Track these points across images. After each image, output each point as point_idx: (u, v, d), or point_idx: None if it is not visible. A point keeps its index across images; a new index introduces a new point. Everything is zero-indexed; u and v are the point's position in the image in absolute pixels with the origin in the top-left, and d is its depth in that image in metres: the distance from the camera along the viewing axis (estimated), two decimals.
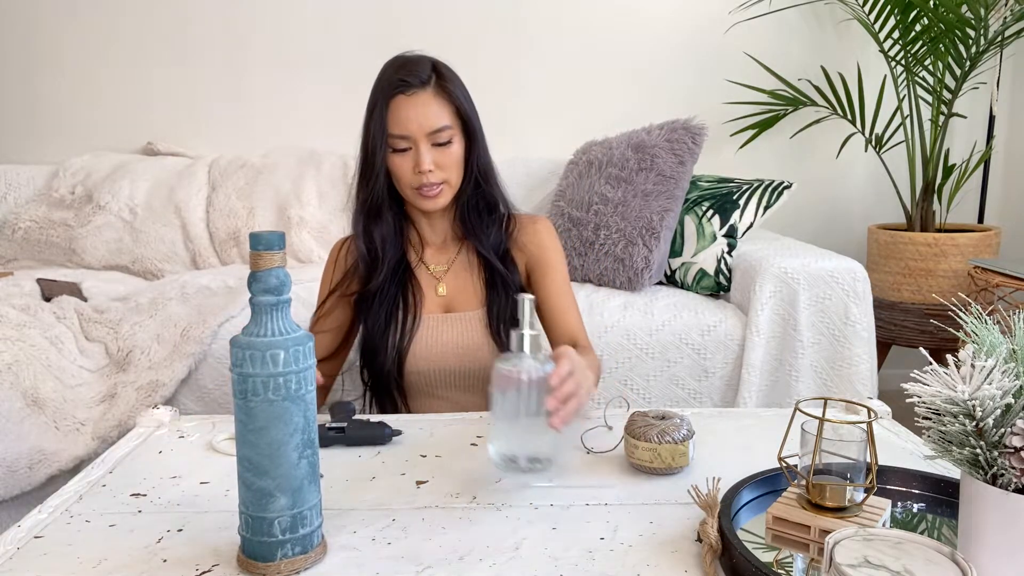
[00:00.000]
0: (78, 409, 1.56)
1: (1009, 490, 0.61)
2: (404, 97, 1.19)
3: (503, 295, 1.30)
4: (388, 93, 1.20)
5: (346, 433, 1.03)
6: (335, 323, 1.32)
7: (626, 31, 2.61)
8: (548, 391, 0.84)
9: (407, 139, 1.20)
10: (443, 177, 1.22)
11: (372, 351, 1.27)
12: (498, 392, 0.85)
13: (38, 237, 2.27)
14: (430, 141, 1.20)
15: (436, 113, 1.20)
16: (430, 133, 1.19)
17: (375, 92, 1.22)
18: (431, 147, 1.20)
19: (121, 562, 0.73)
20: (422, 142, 1.19)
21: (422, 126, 1.19)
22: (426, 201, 1.23)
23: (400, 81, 1.19)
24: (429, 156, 1.19)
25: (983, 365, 0.62)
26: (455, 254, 1.33)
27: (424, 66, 1.22)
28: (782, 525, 0.75)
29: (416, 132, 1.19)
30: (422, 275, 1.31)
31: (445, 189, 1.23)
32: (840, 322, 1.72)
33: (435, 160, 1.20)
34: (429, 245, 1.33)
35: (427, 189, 1.21)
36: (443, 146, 1.21)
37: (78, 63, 2.58)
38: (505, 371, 0.85)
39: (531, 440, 0.86)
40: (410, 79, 1.19)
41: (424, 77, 1.20)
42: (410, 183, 1.22)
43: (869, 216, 2.75)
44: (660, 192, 1.90)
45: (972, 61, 2.31)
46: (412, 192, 1.23)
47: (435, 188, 1.22)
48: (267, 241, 0.70)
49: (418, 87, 1.19)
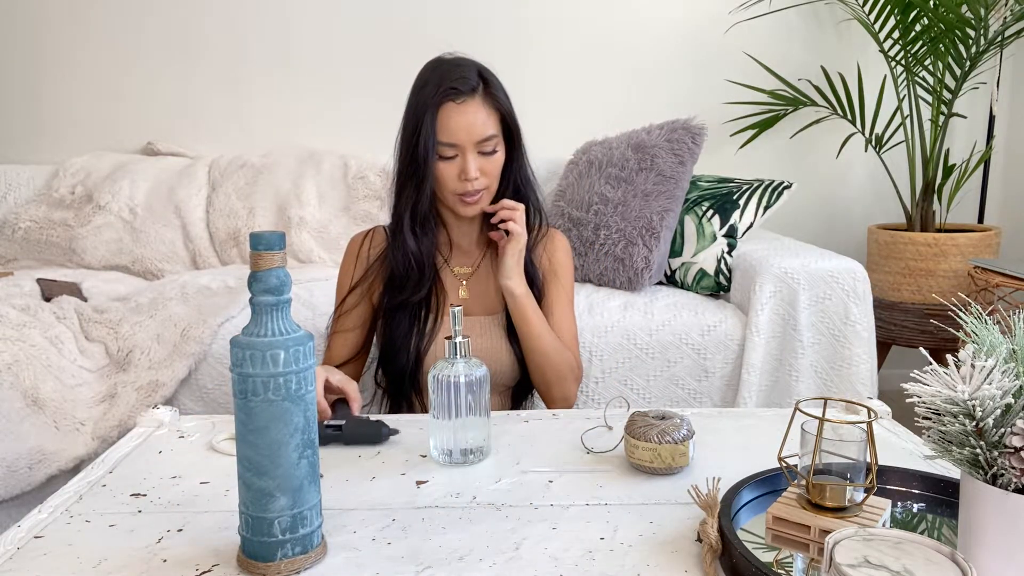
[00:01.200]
0: (78, 409, 1.56)
1: (1009, 490, 0.61)
2: (454, 105, 1.17)
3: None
4: (437, 100, 1.17)
5: (343, 431, 1.03)
6: (358, 320, 1.31)
7: (626, 31, 2.61)
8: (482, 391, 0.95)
9: (455, 147, 1.19)
10: (486, 184, 1.22)
11: (393, 351, 1.26)
12: (434, 394, 0.96)
13: (38, 237, 2.27)
14: (477, 149, 1.19)
15: (484, 121, 1.19)
16: (478, 142, 1.19)
17: (421, 97, 1.20)
18: (477, 155, 1.19)
19: (121, 562, 0.73)
20: (469, 150, 1.19)
21: (471, 135, 1.18)
22: (467, 207, 1.23)
23: (450, 88, 1.17)
24: (475, 164, 1.19)
25: (983, 365, 0.62)
26: (480, 258, 1.34)
27: (472, 72, 1.20)
28: (782, 525, 0.75)
29: (465, 140, 1.18)
30: (446, 277, 1.31)
31: (485, 195, 1.23)
32: (840, 322, 1.72)
33: (480, 167, 1.20)
34: (455, 247, 1.33)
35: (469, 196, 1.21)
36: (488, 154, 1.21)
37: (78, 63, 2.58)
38: (440, 375, 0.96)
39: (464, 435, 0.96)
40: (460, 86, 1.17)
41: (473, 84, 1.19)
42: (454, 189, 1.21)
43: (869, 216, 2.75)
44: (660, 192, 1.90)
45: (972, 61, 2.31)
46: (454, 198, 1.22)
47: (477, 195, 1.22)
48: (267, 241, 0.70)
49: (468, 94, 1.18)
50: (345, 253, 1.35)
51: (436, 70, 1.21)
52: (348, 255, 1.34)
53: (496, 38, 2.58)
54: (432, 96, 1.18)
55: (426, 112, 1.18)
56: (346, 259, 1.34)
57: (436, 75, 1.20)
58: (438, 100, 1.17)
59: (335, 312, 1.32)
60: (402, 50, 2.58)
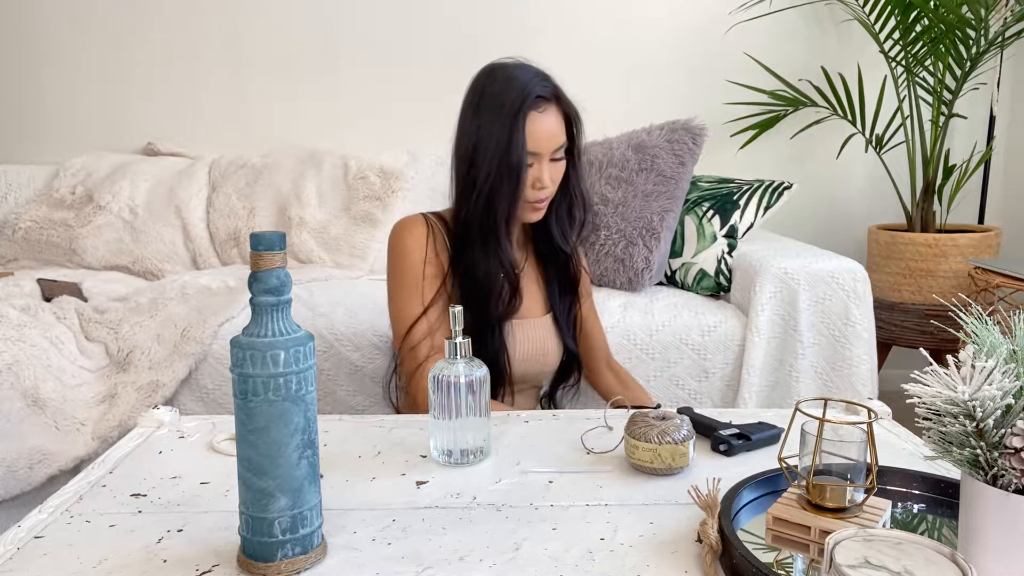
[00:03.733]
0: (78, 409, 1.56)
1: (1009, 491, 0.61)
2: (537, 114, 1.18)
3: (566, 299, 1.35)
4: (525, 108, 1.16)
5: (753, 440, 0.99)
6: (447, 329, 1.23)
7: (626, 31, 2.61)
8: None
9: (535, 155, 1.19)
10: (552, 191, 1.22)
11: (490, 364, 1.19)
12: (434, 394, 0.95)
13: (38, 237, 2.27)
14: (550, 157, 1.20)
15: (560, 129, 1.20)
16: (554, 150, 1.19)
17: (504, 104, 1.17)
18: (549, 162, 1.20)
19: (121, 562, 0.73)
20: (545, 158, 1.19)
21: (551, 143, 1.19)
22: (534, 214, 1.23)
23: (537, 97, 1.17)
24: (548, 172, 1.19)
25: (983, 366, 0.62)
26: (524, 260, 1.34)
27: (549, 80, 1.21)
28: (782, 526, 0.75)
29: (545, 148, 1.18)
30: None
31: (547, 201, 1.24)
32: (840, 323, 1.72)
33: (550, 175, 1.20)
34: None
35: (539, 203, 1.22)
36: (558, 161, 1.21)
37: (78, 63, 2.58)
38: (440, 375, 0.95)
39: (464, 435, 0.95)
40: (545, 94, 1.18)
41: (552, 91, 1.20)
42: (526, 197, 1.21)
43: (869, 216, 2.75)
44: (660, 192, 1.90)
45: (972, 62, 2.31)
46: (524, 205, 1.22)
47: (545, 202, 1.22)
48: (268, 241, 0.70)
49: (549, 102, 1.19)
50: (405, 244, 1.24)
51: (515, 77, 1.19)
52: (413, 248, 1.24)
53: (496, 38, 2.58)
54: (520, 103, 1.16)
55: (516, 120, 1.16)
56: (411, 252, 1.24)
57: (517, 82, 1.18)
58: (527, 108, 1.17)
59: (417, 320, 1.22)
60: (403, 50, 2.58)
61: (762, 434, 1.00)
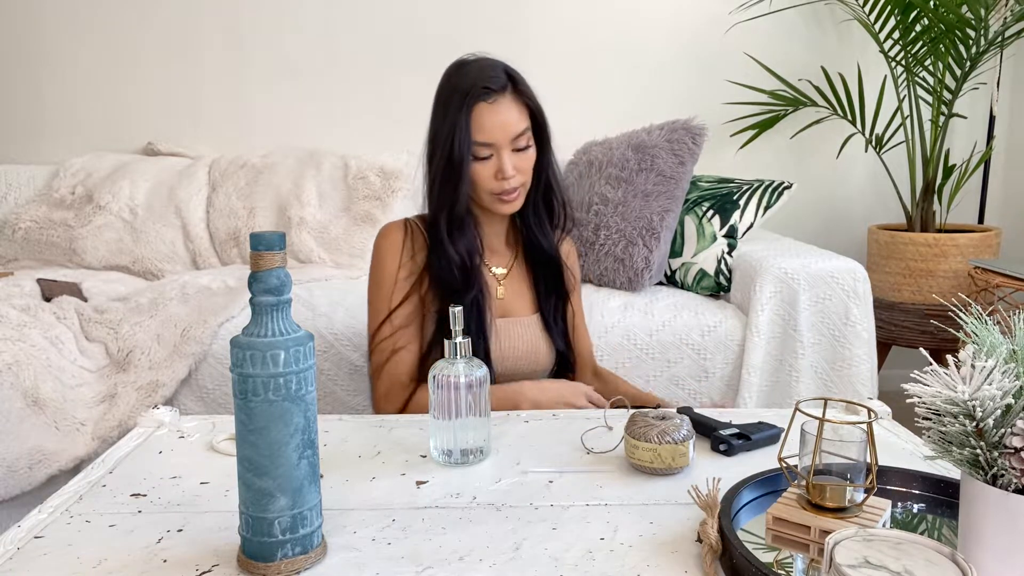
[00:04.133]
0: (78, 409, 1.56)
1: (1009, 490, 0.61)
2: (486, 104, 1.18)
3: (553, 298, 1.34)
4: (471, 100, 1.17)
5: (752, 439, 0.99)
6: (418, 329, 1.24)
7: (626, 31, 2.61)
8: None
9: (490, 146, 1.19)
10: (521, 181, 1.22)
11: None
12: (434, 394, 0.95)
13: (38, 237, 2.27)
14: (511, 147, 1.20)
15: (517, 118, 1.19)
16: (513, 138, 1.19)
17: (452, 99, 1.19)
18: (511, 152, 1.20)
19: (121, 562, 0.73)
20: (504, 148, 1.19)
21: (506, 132, 1.18)
22: (504, 206, 1.23)
23: (483, 88, 1.17)
24: (511, 161, 1.19)
25: (983, 365, 0.62)
26: (512, 258, 1.34)
27: (500, 71, 1.20)
28: (782, 525, 0.75)
29: (500, 139, 1.18)
30: (488, 278, 1.31)
31: (521, 192, 1.24)
32: (840, 323, 1.72)
33: (515, 165, 1.20)
34: (488, 248, 1.32)
35: (507, 194, 1.21)
36: (522, 151, 1.21)
37: (78, 63, 2.58)
38: (440, 375, 0.95)
39: (464, 435, 0.95)
40: (491, 84, 1.18)
41: (503, 82, 1.19)
42: (491, 189, 1.21)
43: (869, 216, 2.75)
44: (660, 192, 1.90)
45: (972, 61, 2.31)
46: (491, 198, 1.22)
47: (515, 192, 1.22)
48: (268, 241, 0.70)
49: (499, 93, 1.18)
50: (383, 250, 1.27)
51: (462, 72, 1.20)
52: (389, 252, 1.26)
53: (496, 38, 2.58)
54: (464, 97, 1.17)
55: (460, 113, 1.17)
56: (387, 257, 1.26)
57: (465, 76, 1.19)
58: (471, 101, 1.17)
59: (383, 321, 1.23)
60: (402, 50, 2.58)
61: (762, 434, 1.00)
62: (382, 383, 1.25)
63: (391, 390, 1.24)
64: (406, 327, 1.24)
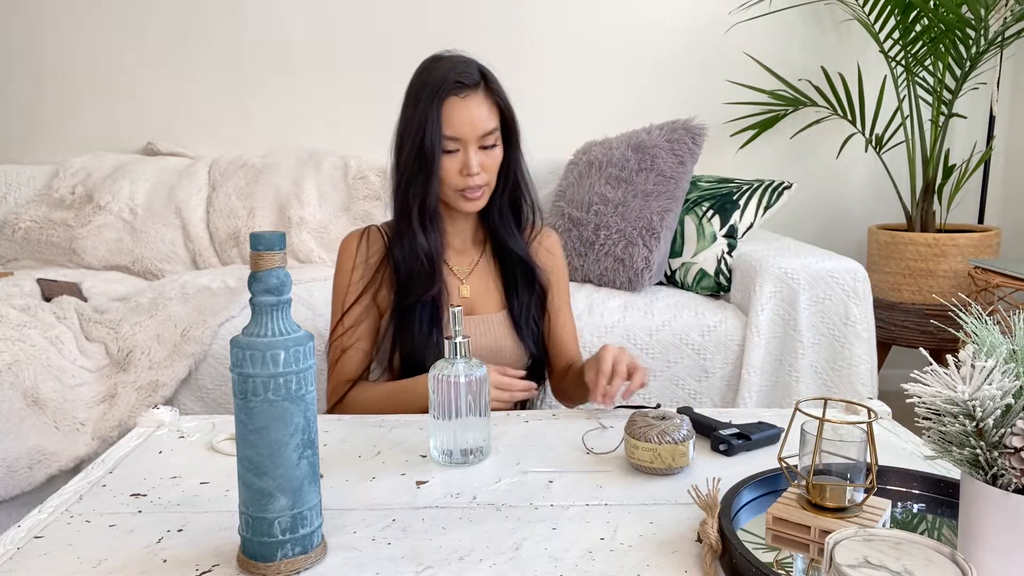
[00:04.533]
0: (78, 409, 1.56)
1: (1009, 490, 0.61)
2: (457, 99, 1.18)
3: (524, 296, 1.32)
4: (442, 94, 1.18)
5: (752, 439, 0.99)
6: (368, 330, 1.27)
7: (626, 31, 2.61)
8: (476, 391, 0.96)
9: (458, 141, 1.19)
10: (486, 179, 1.22)
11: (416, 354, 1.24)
12: (434, 394, 0.96)
13: (38, 237, 2.27)
14: (479, 144, 1.20)
15: (486, 116, 1.20)
16: (481, 136, 1.19)
17: (423, 93, 1.20)
18: (478, 150, 1.20)
19: (121, 562, 0.73)
20: (472, 145, 1.19)
21: (475, 128, 1.19)
22: (468, 203, 1.23)
23: (455, 82, 1.18)
24: (477, 159, 1.20)
25: (983, 365, 0.62)
26: (477, 256, 1.34)
27: (473, 67, 1.21)
28: (782, 525, 0.75)
29: (468, 134, 1.19)
30: (448, 276, 1.31)
31: (485, 191, 1.24)
32: (840, 322, 1.72)
33: (481, 162, 1.20)
34: (449, 247, 1.32)
35: (471, 191, 1.21)
36: (489, 149, 1.21)
37: (79, 63, 2.58)
38: (441, 376, 0.95)
39: (464, 435, 0.96)
40: (464, 80, 1.18)
41: (475, 78, 1.20)
42: (455, 185, 1.21)
43: (869, 216, 2.75)
44: (660, 192, 1.90)
45: (972, 61, 2.31)
46: (455, 194, 1.23)
47: (479, 190, 1.22)
48: (268, 241, 0.70)
49: (470, 88, 1.19)
50: (340, 256, 1.31)
51: (436, 66, 1.22)
52: (344, 257, 1.30)
53: (496, 38, 2.58)
54: (436, 91, 1.18)
55: (431, 107, 1.18)
56: (342, 262, 1.30)
57: (437, 71, 1.20)
58: (442, 94, 1.18)
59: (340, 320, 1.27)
60: (402, 50, 2.58)
61: (762, 434, 1.00)
62: (330, 382, 1.28)
63: (336, 388, 1.27)
64: (355, 327, 1.26)
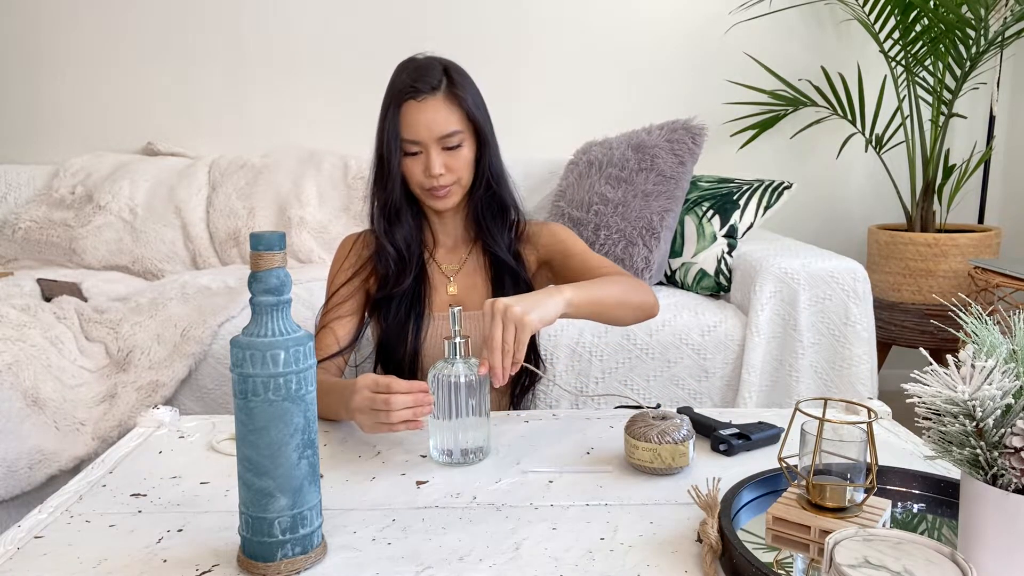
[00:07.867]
0: (78, 409, 1.56)
1: (1009, 490, 0.61)
2: (415, 103, 1.20)
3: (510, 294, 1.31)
4: (399, 98, 1.21)
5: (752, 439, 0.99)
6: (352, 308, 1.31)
7: (626, 31, 2.61)
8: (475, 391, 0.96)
9: (418, 143, 1.22)
10: (453, 179, 1.24)
11: (391, 347, 1.27)
12: (434, 394, 0.95)
13: (38, 237, 2.27)
14: (440, 145, 1.22)
15: (445, 119, 1.21)
16: (440, 138, 1.21)
17: (387, 96, 1.24)
18: (441, 151, 1.22)
19: (121, 562, 0.73)
20: (432, 146, 1.21)
21: (432, 131, 1.21)
22: (437, 201, 1.26)
23: (411, 87, 1.20)
24: (439, 160, 1.22)
25: (983, 365, 0.62)
26: (466, 255, 1.35)
27: (435, 71, 1.23)
28: (782, 525, 0.75)
29: (426, 137, 1.21)
30: (434, 273, 1.33)
31: (455, 189, 1.25)
32: (840, 322, 1.72)
33: (445, 163, 1.22)
34: (440, 245, 1.35)
35: (437, 191, 1.24)
36: (453, 149, 1.23)
37: (78, 63, 2.58)
38: (440, 376, 0.95)
39: (464, 435, 0.96)
40: (420, 85, 1.20)
41: (435, 83, 1.21)
42: (421, 185, 1.24)
43: (869, 216, 2.75)
44: (660, 192, 1.90)
45: (972, 61, 2.31)
46: (424, 193, 1.26)
47: (445, 189, 1.24)
48: (267, 241, 0.70)
49: (428, 93, 1.21)
50: (336, 254, 1.37)
51: (401, 71, 1.25)
52: (340, 251, 1.37)
53: (496, 38, 2.58)
54: (396, 95, 1.22)
55: (390, 111, 1.22)
56: (337, 255, 1.37)
57: (400, 75, 1.24)
58: (400, 98, 1.21)
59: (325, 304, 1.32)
60: (402, 50, 2.55)
61: (762, 434, 1.00)
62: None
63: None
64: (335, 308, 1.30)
